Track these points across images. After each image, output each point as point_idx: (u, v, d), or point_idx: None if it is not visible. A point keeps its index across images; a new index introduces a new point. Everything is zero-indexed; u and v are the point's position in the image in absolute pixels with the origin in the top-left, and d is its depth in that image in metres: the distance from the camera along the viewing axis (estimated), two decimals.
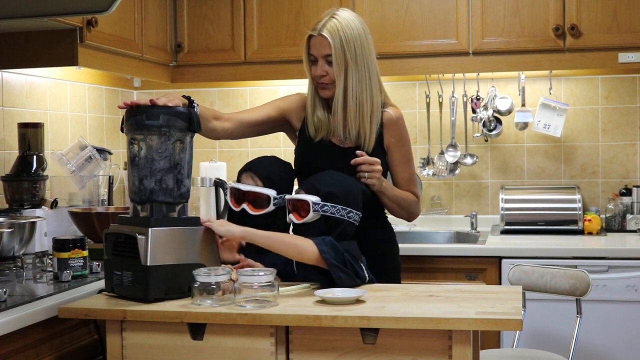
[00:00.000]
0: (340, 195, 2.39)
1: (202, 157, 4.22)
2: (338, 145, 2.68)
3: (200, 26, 3.95)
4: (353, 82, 2.60)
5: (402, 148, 2.70)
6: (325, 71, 2.61)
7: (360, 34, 2.61)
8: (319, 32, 2.60)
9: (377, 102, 2.65)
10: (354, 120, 2.62)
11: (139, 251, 2.17)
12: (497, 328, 2.02)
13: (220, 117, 2.68)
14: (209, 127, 2.61)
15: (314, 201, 2.36)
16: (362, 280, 2.37)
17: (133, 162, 2.25)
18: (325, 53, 2.60)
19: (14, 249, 2.65)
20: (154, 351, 2.14)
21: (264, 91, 4.30)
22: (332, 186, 2.40)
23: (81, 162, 3.35)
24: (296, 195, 2.41)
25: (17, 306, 2.12)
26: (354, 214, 2.42)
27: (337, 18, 2.61)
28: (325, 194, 2.37)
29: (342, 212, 2.38)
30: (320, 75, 2.62)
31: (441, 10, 3.76)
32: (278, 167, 2.58)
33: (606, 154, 4.05)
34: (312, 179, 2.46)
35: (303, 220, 2.38)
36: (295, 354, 2.09)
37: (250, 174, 2.54)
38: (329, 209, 2.37)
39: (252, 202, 2.50)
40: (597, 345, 3.37)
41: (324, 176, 2.46)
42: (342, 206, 2.39)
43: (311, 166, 2.65)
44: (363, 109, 2.61)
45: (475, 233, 3.94)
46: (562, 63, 3.69)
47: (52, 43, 3.05)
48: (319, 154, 2.68)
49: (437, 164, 4.11)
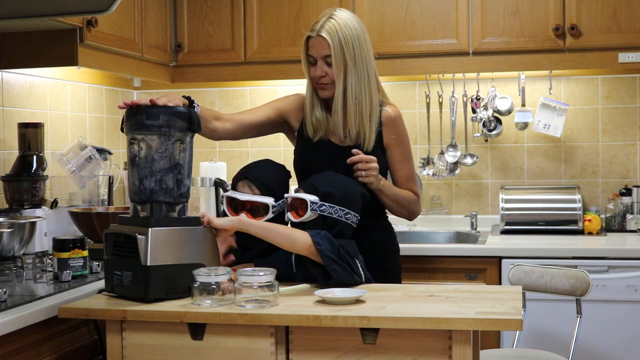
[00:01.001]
0: (339, 196, 2.39)
1: (202, 157, 4.22)
2: (337, 145, 2.68)
3: (200, 26, 3.95)
4: (352, 82, 2.60)
5: (401, 146, 2.70)
6: (325, 72, 2.61)
7: (358, 34, 2.61)
8: (318, 33, 2.60)
9: (376, 101, 2.65)
10: (354, 119, 2.62)
11: (139, 251, 2.17)
12: (497, 328, 2.02)
13: (221, 117, 2.68)
14: (210, 127, 2.61)
15: (312, 200, 2.36)
16: (359, 277, 2.37)
17: (133, 162, 2.25)
18: (325, 54, 2.60)
19: (14, 249, 2.65)
20: (154, 351, 2.14)
21: (264, 91, 4.30)
22: (331, 186, 2.40)
23: (81, 162, 3.35)
24: (295, 194, 2.42)
25: (17, 306, 2.12)
26: (352, 216, 2.42)
27: (335, 18, 2.61)
28: (323, 194, 2.37)
29: (339, 213, 2.38)
30: (320, 76, 2.62)
31: (441, 10, 3.76)
32: (273, 172, 2.56)
33: (606, 154, 4.05)
34: (312, 179, 2.46)
35: (300, 219, 2.38)
36: (295, 354, 2.09)
37: (246, 182, 2.51)
38: (327, 208, 2.37)
39: (250, 210, 2.49)
40: (597, 345, 3.37)
41: (323, 177, 2.46)
42: (340, 207, 2.38)
43: (310, 166, 2.65)
44: (362, 109, 2.61)
45: (475, 233, 3.95)
46: (562, 63, 3.69)
47: (52, 43, 3.05)
48: (317, 153, 2.68)
49: (437, 164, 4.11)
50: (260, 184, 2.50)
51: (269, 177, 2.52)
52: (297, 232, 2.32)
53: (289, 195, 2.44)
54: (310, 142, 2.70)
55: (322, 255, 2.27)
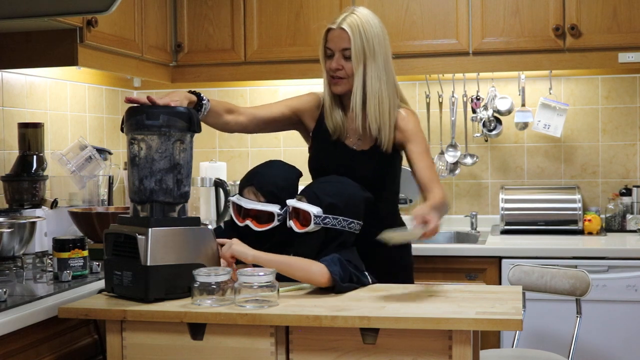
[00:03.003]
0: (342, 206, 2.38)
1: (202, 157, 4.22)
2: (350, 147, 2.66)
3: (200, 26, 3.95)
4: (372, 77, 2.57)
5: (417, 138, 2.64)
6: (342, 65, 2.58)
7: (378, 32, 2.60)
8: (339, 26, 2.58)
9: (394, 102, 2.62)
10: (374, 115, 2.58)
11: (139, 251, 2.17)
12: (497, 328, 2.02)
13: (235, 110, 2.64)
14: (222, 121, 2.59)
15: (315, 213, 2.34)
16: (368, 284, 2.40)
17: (133, 162, 2.25)
18: (344, 47, 2.57)
19: (14, 249, 2.65)
20: (154, 351, 2.14)
21: (264, 91, 4.30)
22: (334, 197, 2.38)
23: (81, 162, 3.35)
24: (298, 203, 2.40)
25: (17, 306, 2.12)
26: (355, 224, 2.41)
27: (357, 14, 2.59)
28: (327, 206, 2.36)
29: (343, 224, 2.38)
30: (336, 69, 2.59)
31: (441, 10, 3.76)
32: (281, 178, 2.53)
33: (606, 154, 4.05)
34: (315, 187, 2.44)
35: (304, 230, 2.37)
36: (295, 354, 2.09)
37: (252, 189, 2.50)
38: (330, 221, 2.36)
39: (256, 217, 2.48)
40: (597, 345, 3.38)
41: (327, 185, 2.44)
42: (344, 217, 2.38)
43: (324, 168, 2.64)
44: (383, 105, 2.58)
45: (475, 233, 3.95)
46: (562, 63, 3.69)
47: (52, 43, 3.05)
48: (332, 156, 2.66)
49: (437, 164, 4.10)
50: (266, 191, 2.48)
51: (275, 183, 2.49)
52: (314, 266, 2.29)
53: (291, 204, 2.42)
54: (325, 143, 2.68)
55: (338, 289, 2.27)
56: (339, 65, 2.59)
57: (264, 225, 2.46)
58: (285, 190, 2.50)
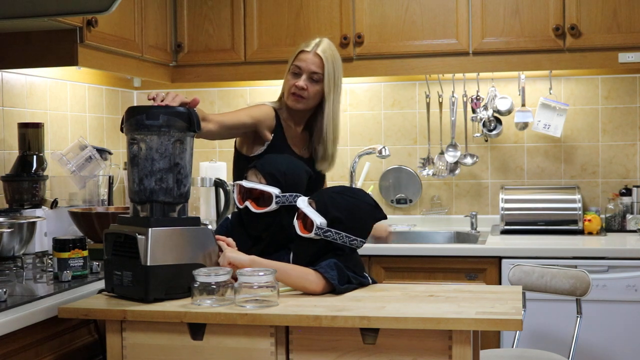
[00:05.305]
0: (347, 223, 2.35)
1: (202, 157, 4.22)
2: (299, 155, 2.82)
3: (200, 26, 3.95)
4: (336, 105, 2.81)
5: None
6: (307, 86, 2.75)
7: (341, 64, 2.83)
8: (315, 51, 2.76)
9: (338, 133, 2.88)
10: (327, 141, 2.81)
11: (139, 251, 2.17)
12: (497, 328, 2.02)
13: (205, 118, 2.66)
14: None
15: (318, 225, 2.32)
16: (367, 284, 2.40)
17: (133, 162, 2.25)
18: (314, 70, 2.75)
19: (14, 249, 2.66)
20: (154, 351, 2.14)
21: (264, 91, 4.29)
22: (343, 211, 2.36)
23: (81, 162, 3.35)
24: (305, 208, 2.38)
25: (17, 306, 2.12)
26: (358, 242, 2.39)
27: (329, 44, 2.80)
28: (332, 219, 2.34)
29: (344, 239, 2.35)
30: (302, 88, 2.75)
31: (441, 10, 3.76)
32: (285, 166, 2.54)
33: (606, 154, 4.05)
34: (327, 196, 2.41)
35: (305, 235, 2.36)
36: (295, 354, 2.09)
37: (254, 171, 2.53)
38: (332, 235, 2.34)
39: (256, 199, 2.50)
40: (597, 345, 3.38)
41: (339, 197, 2.40)
42: (347, 233, 2.36)
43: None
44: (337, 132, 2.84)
45: (475, 233, 3.95)
46: (562, 63, 3.69)
47: (52, 43, 3.05)
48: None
49: (437, 164, 4.11)
50: (267, 172, 2.50)
51: (277, 168, 2.52)
52: (310, 276, 2.28)
53: (300, 206, 2.41)
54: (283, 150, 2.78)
55: (338, 291, 2.27)
56: (304, 85, 2.75)
57: (262, 207, 2.47)
58: (287, 176, 2.51)
